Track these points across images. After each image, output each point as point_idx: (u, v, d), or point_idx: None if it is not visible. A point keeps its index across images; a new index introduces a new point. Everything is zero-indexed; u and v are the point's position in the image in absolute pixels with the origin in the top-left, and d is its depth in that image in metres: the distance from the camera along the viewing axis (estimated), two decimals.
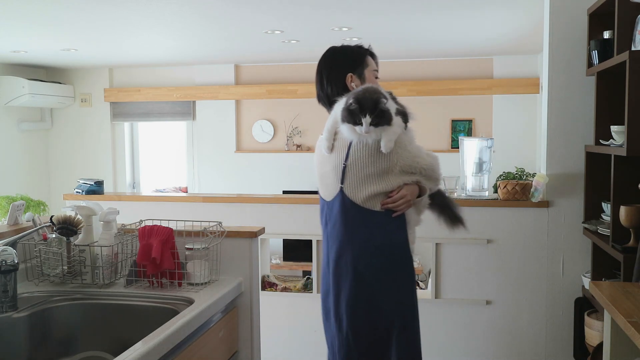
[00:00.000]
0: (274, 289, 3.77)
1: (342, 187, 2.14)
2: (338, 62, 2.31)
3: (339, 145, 2.15)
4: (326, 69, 2.33)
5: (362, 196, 2.12)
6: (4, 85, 6.17)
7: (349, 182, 2.12)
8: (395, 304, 2.16)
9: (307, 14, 4.10)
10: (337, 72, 2.28)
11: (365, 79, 2.28)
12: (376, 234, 2.14)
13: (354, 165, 2.10)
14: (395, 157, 2.09)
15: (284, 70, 6.67)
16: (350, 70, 2.27)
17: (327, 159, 2.20)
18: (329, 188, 2.21)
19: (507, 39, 5.10)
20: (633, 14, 2.59)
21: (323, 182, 2.26)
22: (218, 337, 2.04)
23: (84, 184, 3.94)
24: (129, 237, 2.21)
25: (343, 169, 2.13)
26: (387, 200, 2.12)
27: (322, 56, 2.38)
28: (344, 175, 2.13)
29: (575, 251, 3.31)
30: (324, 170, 2.23)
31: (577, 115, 3.23)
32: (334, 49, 2.38)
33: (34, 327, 1.95)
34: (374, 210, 2.13)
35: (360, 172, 2.10)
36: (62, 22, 4.28)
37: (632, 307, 1.74)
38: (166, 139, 7.34)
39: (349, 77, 2.26)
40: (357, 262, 2.14)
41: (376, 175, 2.10)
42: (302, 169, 6.65)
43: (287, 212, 3.69)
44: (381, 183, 2.10)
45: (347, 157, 2.12)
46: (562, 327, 3.37)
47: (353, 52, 2.34)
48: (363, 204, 2.12)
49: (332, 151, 2.17)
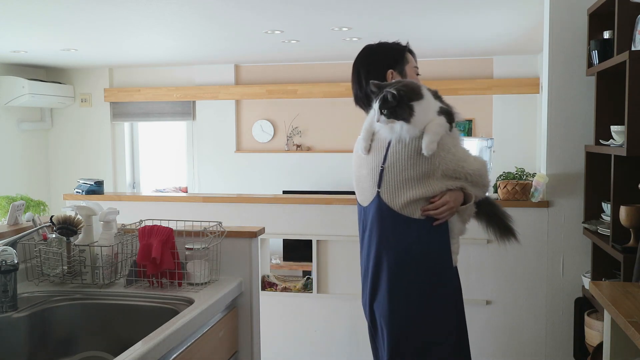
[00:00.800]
0: (274, 289, 3.77)
1: (378, 192, 2.01)
2: (377, 60, 2.19)
3: (377, 146, 2.03)
4: (364, 67, 2.20)
5: (401, 202, 1.98)
6: (4, 85, 6.17)
7: (386, 186, 1.99)
8: (433, 319, 2.03)
9: (307, 14, 4.10)
10: (377, 70, 2.16)
11: (406, 76, 2.17)
12: (415, 244, 1.99)
13: (392, 168, 1.98)
14: (437, 160, 1.94)
15: (284, 70, 6.67)
16: (391, 67, 2.17)
17: (364, 161, 2.08)
18: (366, 192, 2.09)
19: (507, 39, 5.10)
20: (633, 14, 2.59)
21: (359, 186, 2.14)
22: (218, 337, 2.04)
23: (84, 184, 3.94)
24: (129, 237, 2.21)
25: (380, 172, 2.00)
26: (428, 207, 1.98)
27: (359, 55, 2.26)
28: (381, 178, 2.01)
29: (575, 251, 3.31)
30: (361, 173, 2.11)
31: (577, 115, 3.23)
32: (371, 47, 2.25)
33: (34, 327, 1.95)
34: (412, 218, 1.98)
35: (398, 176, 1.97)
36: (62, 22, 4.28)
37: (632, 307, 1.74)
38: (166, 139, 7.34)
39: (389, 73, 2.15)
40: (393, 274, 2.01)
41: (416, 179, 1.96)
42: (302, 169, 6.66)
43: (287, 212, 3.69)
44: (421, 188, 1.96)
45: (385, 159, 2.00)
46: (562, 327, 3.37)
47: (392, 49, 2.22)
48: (401, 211, 1.98)
49: (369, 152, 2.05)
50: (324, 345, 3.72)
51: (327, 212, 3.64)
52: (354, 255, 3.65)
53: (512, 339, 3.47)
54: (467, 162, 2.00)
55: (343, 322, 3.67)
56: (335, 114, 6.49)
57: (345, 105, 6.63)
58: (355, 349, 3.66)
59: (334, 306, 3.68)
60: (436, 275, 2.02)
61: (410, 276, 2.01)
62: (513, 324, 3.46)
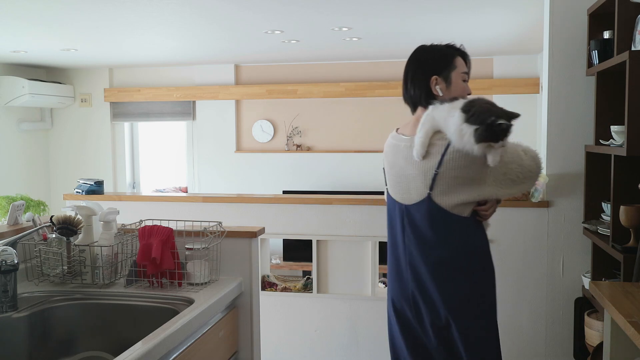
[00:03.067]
0: (274, 289, 3.77)
1: (429, 193, 2.04)
2: (423, 64, 2.16)
3: (431, 151, 2.03)
4: (412, 69, 2.18)
5: (452, 203, 2.04)
6: (4, 85, 6.18)
7: (439, 189, 2.03)
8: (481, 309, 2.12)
9: (307, 14, 4.10)
10: (422, 74, 2.13)
11: (451, 83, 2.12)
12: (462, 238, 2.08)
13: (447, 174, 2.00)
14: (489, 168, 1.99)
15: (284, 70, 6.67)
16: (436, 72, 2.11)
17: (410, 162, 2.08)
18: (412, 192, 2.10)
19: (507, 39, 5.10)
20: (633, 14, 2.59)
21: (401, 185, 2.14)
22: (218, 337, 2.04)
23: (84, 184, 3.94)
24: (129, 237, 2.21)
25: (434, 176, 2.02)
26: (481, 208, 2.08)
27: (411, 55, 2.22)
28: (434, 182, 2.03)
29: (575, 251, 3.31)
30: (405, 172, 2.11)
31: (577, 115, 3.23)
32: (421, 49, 2.20)
33: (34, 327, 1.95)
34: (461, 216, 2.06)
35: (453, 181, 2.01)
36: (62, 22, 4.28)
37: (632, 307, 1.74)
38: (166, 139, 7.34)
39: (433, 80, 2.11)
40: (445, 267, 2.08)
41: (468, 186, 2.02)
42: (302, 169, 6.66)
43: (287, 212, 3.69)
44: (472, 193, 2.03)
45: (440, 164, 2.00)
46: (562, 327, 3.37)
47: (440, 52, 2.16)
48: (451, 210, 2.05)
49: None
50: (324, 345, 3.72)
51: (327, 212, 3.64)
52: (354, 255, 3.67)
53: (512, 338, 3.46)
54: (515, 163, 2.05)
55: (343, 322, 3.67)
56: (335, 114, 6.50)
57: (345, 105, 6.66)
58: (355, 349, 3.66)
59: (334, 306, 3.68)
60: (482, 266, 2.12)
61: (462, 266, 2.08)
62: (513, 323, 3.46)
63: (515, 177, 2.05)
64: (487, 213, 2.10)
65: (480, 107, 1.95)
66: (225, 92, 6.66)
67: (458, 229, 2.07)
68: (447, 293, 2.08)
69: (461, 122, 1.93)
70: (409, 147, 2.09)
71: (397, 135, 2.20)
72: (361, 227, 3.60)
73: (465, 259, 2.09)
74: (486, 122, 1.91)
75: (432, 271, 2.09)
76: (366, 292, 3.64)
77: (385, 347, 2.37)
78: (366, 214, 3.60)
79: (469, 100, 2.00)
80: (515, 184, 2.07)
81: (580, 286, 3.29)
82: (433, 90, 2.11)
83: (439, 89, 2.11)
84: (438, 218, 2.06)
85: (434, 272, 2.09)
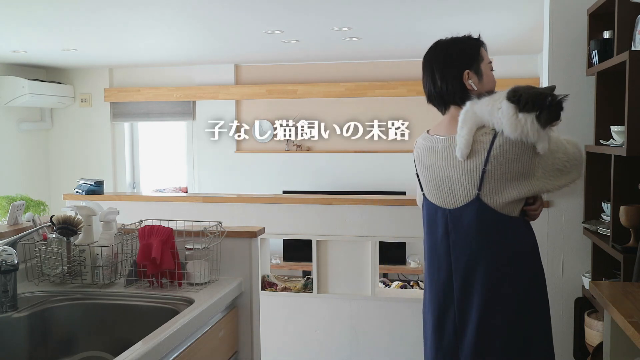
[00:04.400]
0: (274, 289, 3.77)
1: (478, 194, 1.96)
2: (452, 58, 2.09)
3: (475, 148, 1.96)
4: (438, 65, 2.10)
5: (502, 201, 1.96)
6: (4, 85, 6.17)
7: (487, 187, 1.95)
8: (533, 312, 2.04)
9: (307, 14, 4.10)
10: (452, 69, 2.07)
11: (482, 74, 2.08)
12: (515, 240, 2.01)
13: (496, 170, 1.93)
14: (537, 160, 1.95)
15: (284, 70, 6.67)
16: (467, 66, 2.06)
17: (452, 163, 2.00)
18: (456, 195, 2.01)
19: (507, 39, 5.10)
20: (633, 14, 2.59)
21: (443, 188, 2.05)
22: (218, 337, 2.04)
23: (84, 184, 3.94)
24: (129, 237, 2.21)
25: (482, 174, 1.94)
26: (530, 207, 2.02)
27: (430, 51, 2.16)
28: (482, 181, 1.95)
29: (575, 251, 3.31)
30: (447, 174, 2.02)
31: (577, 115, 3.23)
32: (444, 43, 2.14)
33: (34, 327, 1.95)
34: (511, 216, 1.99)
35: (502, 177, 1.93)
36: (62, 22, 4.28)
37: (632, 307, 1.74)
38: (166, 139, 7.34)
39: (466, 74, 2.05)
40: (495, 272, 1.99)
41: (518, 181, 1.95)
42: (302, 169, 6.65)
43: (287, 212, 3.69)
44: (523, 188, 1.96)
45: (486, 162, 1.93)
46: (562, 327, 3.36)
47: (466, 45, 2.11)
48: (502, 210, 1.97)
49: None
50: (324, 345, 3.72)
51: (327, 212, 3.64)
52: (354, 255, 3.67)
53: None
54: (560, 152, 2.01)
55: (343, 322, 3.67)
56: (334, 114, 6.49)
57: (345, 105, 6.66)
58: (355, 349, 3.66)
59: (334, 306, 3.68)
60: (533, 268, 2.05)
61: (511, 271, 2.00)
62: None
63: (562, 166, 2.00)
64: (536, 212, 2.04)
65: (528, 93, 1.91)
66: (225, 92, 6.66)
67: (510, 231, 2.00)
68: (497, 300, 1.99)
69: (513, 112, 1.88)
70: (448, 148, 2.02)
71: (431, 136, 2.11)
72: (361, 227, 3.60)
73: (517, 263, 2.01)
74: (545, 105, 1.89)
75: (482, 278, 1.99)
76: (366, 292, 3.64)
77: (385, 347, 2.38)
78: (366, 214, 3.60)
79: (512, 89, 1.95)
80: (563, 174, 2.01)
81: (580, 286, 3.29)
82: (467, 85, 2.06)
83: (472, 83, 2.06)
84: (487, 220, 1.98)
85: (484, 279, 1.99)
